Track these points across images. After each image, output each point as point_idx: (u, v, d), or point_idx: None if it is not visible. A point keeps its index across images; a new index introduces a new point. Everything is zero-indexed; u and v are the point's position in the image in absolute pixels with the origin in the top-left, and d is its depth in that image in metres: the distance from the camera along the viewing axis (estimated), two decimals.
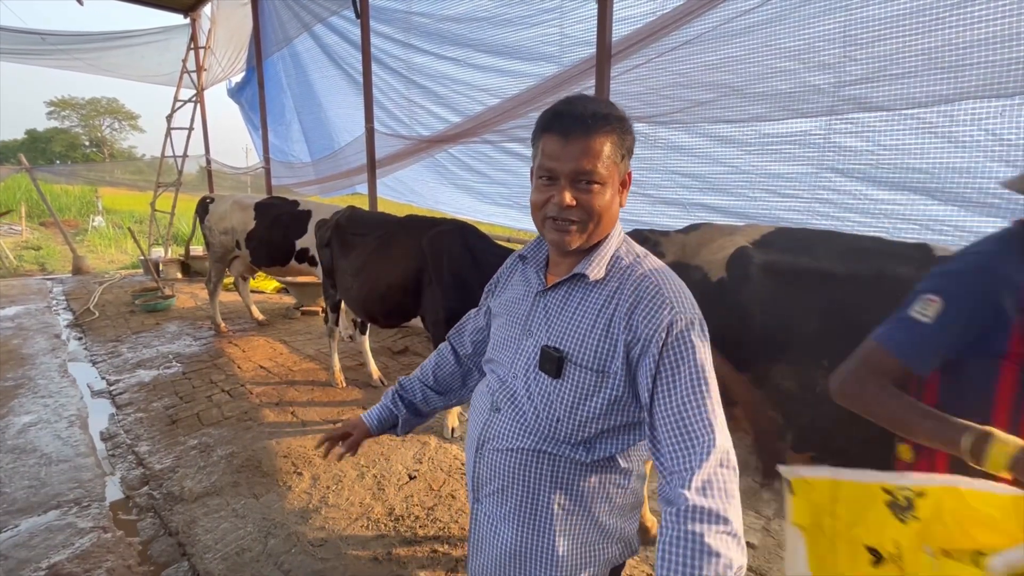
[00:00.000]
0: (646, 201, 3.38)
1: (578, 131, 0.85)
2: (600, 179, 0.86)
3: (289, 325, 5.22)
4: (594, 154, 0.85)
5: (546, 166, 0.88)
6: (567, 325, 0.92)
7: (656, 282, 0.88)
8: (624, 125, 0.89)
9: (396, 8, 4.82)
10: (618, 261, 0.93)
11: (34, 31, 7.03)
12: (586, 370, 0.89)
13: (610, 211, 0.90)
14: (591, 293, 0.92)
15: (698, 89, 2.92)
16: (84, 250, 9.76)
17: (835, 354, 1.31)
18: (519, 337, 0.99)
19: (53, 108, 39.80)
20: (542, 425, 0.93)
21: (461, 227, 2.69)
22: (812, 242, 1.52)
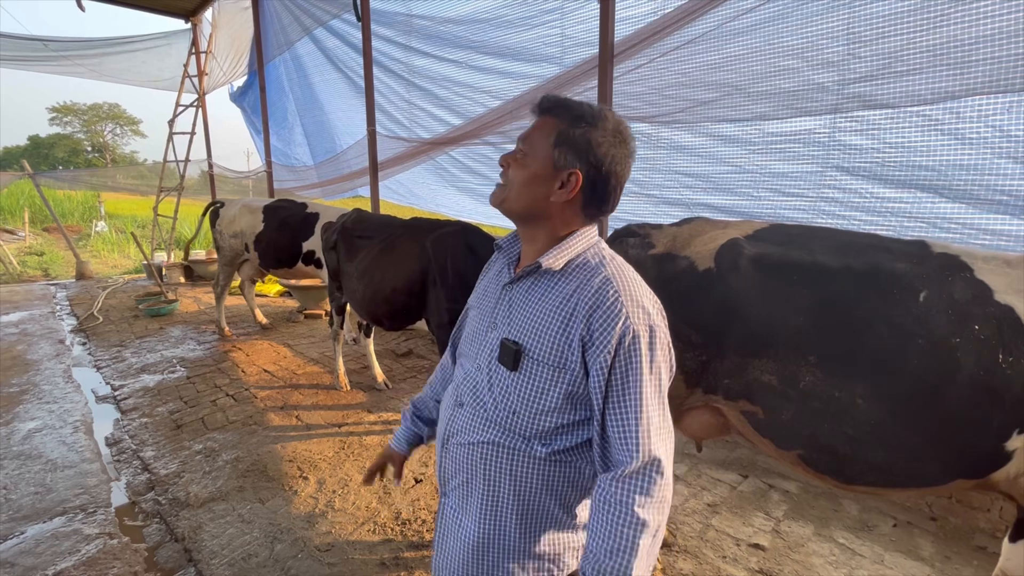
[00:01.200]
0: (649, 201, 3.38)
1: (537, 112, 0.95)
2: (523, 150, 0.93)
3: (292, 328, 5.22)
4: (534, 129, 0.94)
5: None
6: (526, 319, 0.94)
7: (616, 289, 0.89)
8: (575, 120, 0.91)
9: (397, 11, 4.82)
10: (584, 261, 0.94)
11: (36, 37, 7.06)
12: (542, 364, 0.91)
13: (528, 189, 0.93)
14: (552, 289, 0.94)
15: (701, 88, 2.91)
16: (87, 255, 9.79)
17: (824, 349, 1.31)
18: (486, 330, 1.01)
19: (55, 114, 39.91)
20: (501, 418, 0.95)
21: (464, 228, 2.68)
22: (806, 237, 1.50)
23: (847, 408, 1.28)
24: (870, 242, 1.43)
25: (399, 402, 3.49)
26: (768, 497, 2.45)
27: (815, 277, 1.35)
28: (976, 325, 1.19)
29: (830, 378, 1.29)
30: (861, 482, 1.35)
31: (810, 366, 1.30)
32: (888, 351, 1.24)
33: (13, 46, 6.88)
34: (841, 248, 1.41)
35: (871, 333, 1.26)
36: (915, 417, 1.23)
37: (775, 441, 1.43)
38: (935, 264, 1.29)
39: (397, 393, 3.63)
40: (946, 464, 1.26)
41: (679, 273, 1.52)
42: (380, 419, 3.26)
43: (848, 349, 1.28)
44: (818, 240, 1.46)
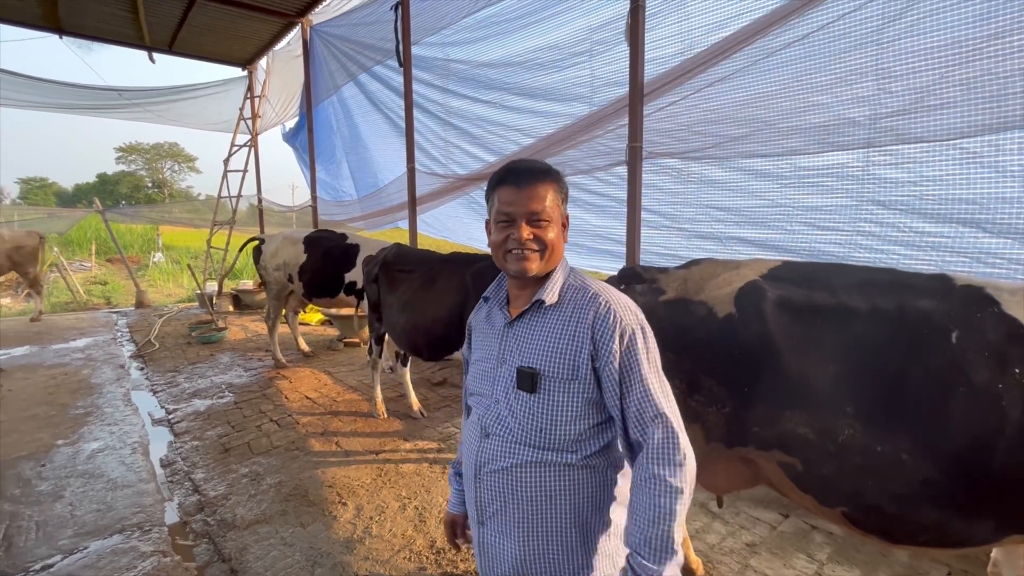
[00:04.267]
0: (681, 235, 3.41)
1: (527, 181, 1.08)
2: (548, 217, 1.08)
3: (333, 356, 5.41)
4: (541, 198, 1.07)
5: (504, 211, 1.09)
6: (536, 346, 1.08)
7: (605, 300, 1.06)
8: (560, 178, 1.12)
9: (435, 56, 5.11)
10: (569, 287, 1.12)
11: (112, 88, 7.79)
12: (558, 381, 1.05)
13: (558, 244, 1.11)
14: (551, 317, 1.10)
15: (730, 124, 2.96)
16: (145, 284, 10.44)
17: (860, 400, 1.28)
18: (495, 367, 1.14)
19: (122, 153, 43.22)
20: (529, 437, 1.06)
21: None
22: (823, 275, 1.47)
23: (892, 463, 1.23)
24: (890, 278, 1.41)
25: (434, 431, 3.56)
26: (810, 538, 2.37)
27: (842, 320, 1.33)
28: (1017, 368, 1.17)
29: (871, 431, 1.25)
30: (911, 542, 1.29)
31: (848, 418, 1.27)
32: (927, 401, 1.21)
33: (92, 96, 7.60)
34: (863, 287, 1.39)
35: (907, 381, 1.23)
36: (964, 472, 1.18)
37: (817, 497, 1.37)
38: (960, 299, 1.27)
39: (432, 422, 3.71)
40: (999, 521, 1.20)
41: (698, 321, 1.50)
42: (415, 447, 3.33)
43: (885, 399, 1.25)
44: (837, 279, 1.44)
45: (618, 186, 3.72)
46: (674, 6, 3.16)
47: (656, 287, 1.63)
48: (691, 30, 3.13)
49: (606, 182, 3.83)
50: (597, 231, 4.01)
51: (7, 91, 6.90)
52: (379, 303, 3.30)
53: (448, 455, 3.23)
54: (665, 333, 1.55)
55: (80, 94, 7.42)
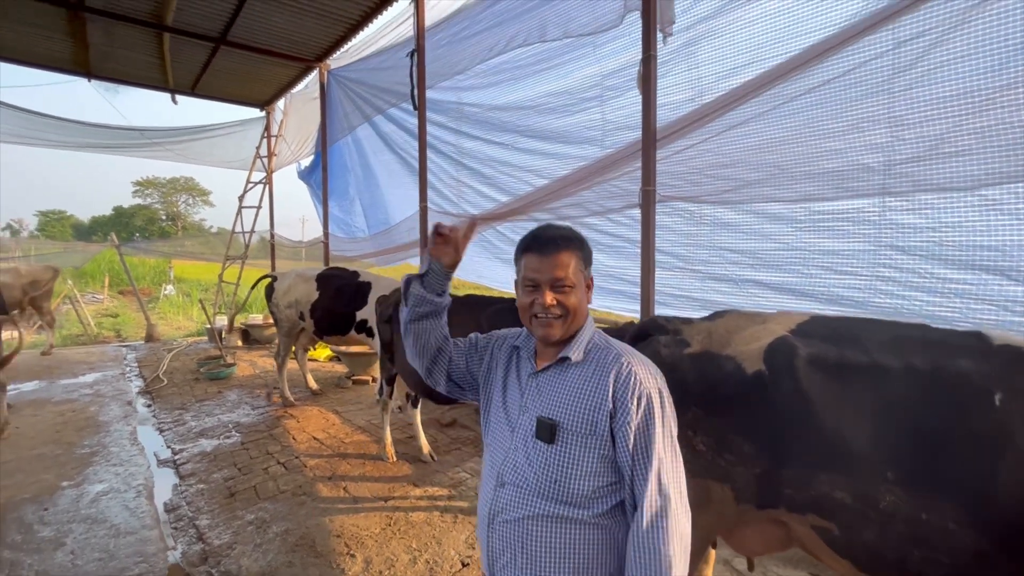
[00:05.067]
0: (695, 277, 3.39)
1: (550, 249, 1.13)
2: (570, 283, 1.13)
3: (341, 395, 5.36)
4: (564, 265, 1.12)
5: (529, 277, 1.15)
6: (558, 398, 1.12)
7: (628, 362, 1.10)
8: (583, 244, 1.19)
9: (448, 100, 5.25)
10: (594, 346, 1.16)
11: (135, 128, 8.06)
12: (576, 434, 1.07)
13: (581, 307, 1.15)
14: (574, 372, 1.14)
15: (744, 169, 2.99)
16: (155, 317, 10.50)
17: (901, 465, 1.23)
18: (516, 416, 1.17)
19: (138, 187, 44.38)
20: (545, 488, 1.08)
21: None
22: (853, 332, 1.43)
23: (939, 534, 1.17)
24: (922, 335, 1.38)
25: (444, 476, 3.47)
26: None
27: (877, 380, 1.29)
28: None
29: (914, 498, 1.19)
30: None
31: (888, 483, 1.21)
32: (975, 467, 1.15)
33: (116, 135, 7.86)
34: (895, 344, 1.35)
35: (951, 446, 1.18)
36: (1018, 543, 1.12)
37: (855, 563, 1.31)
38: (1001, 359, 1.23)
39: (442, 466, 3.62)
40: None
41: (725, 376, 1.47)
42: (426, 494, 3.24)
43: (929, 465, 1.19)
44: (868, 335, 1.40)
45: (630, 227, 3.73)
46: (683, 55, 3.24)
47: (680, 339, 1.60)
48: (700, 78, 3.20)
49: (618, 223, 3.85)
50: (610, 271, 4.00)
51: (37, 131, 7.15)
52: (392, 343, 3.27)
53: (459, 502, 3.13)
54: (691, 387, 1.52)
55: (105, 134, 7.67)
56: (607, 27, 3.46)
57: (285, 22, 5.85)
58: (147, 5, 5.42)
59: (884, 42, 2.43)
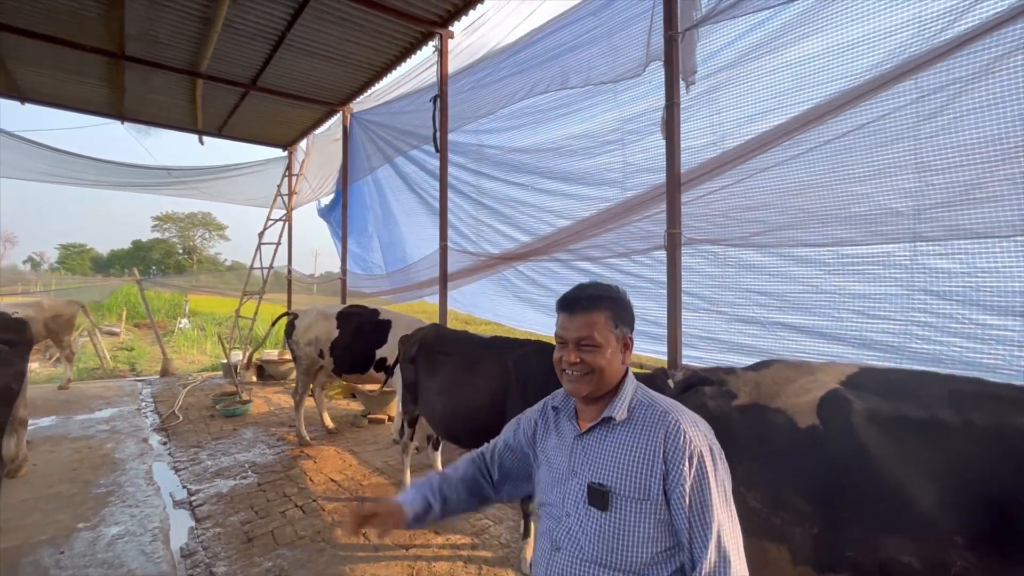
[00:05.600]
0: (721, 319, 3.36)
1: (578, 309, 1.16)
2: (595, 343, 1.13)
3: (357, 434, 5.29)
4: (590, 325, 1.13)
5: (559, 334, 1.19)
6: (607, 463, 1.10)
7: (675, 419, 1.08)
8: (616, 303, 1.18)
9: (469, 142, 5.39)
10: (638, 404, 1.15)
11: (163, 167, 8.33)
12: (630, 500, 1.05)
13: (610, 366, 1.14)
14: (621, 433, 1.12)
15: (770, 212, 3.00)
16: (169, 350, 10.56)
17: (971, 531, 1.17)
18: (565, 478, 1.16)
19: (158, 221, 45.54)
20: (600, 556, 1.06)
21: (545, 348, 2.75)
22: (907, 385, 1.40)
23: None
24: (978, 389, 1.35)
25: (466, 523, 3.37)
26: None
27: (937, 437, 1.26)
28: None
29: (988, 567, 1.14)
30: None
31: (959, 549, 1.17)
32: None
33: (145, 174, 8.12)
34: (952, 399, 1.32)
35: (1020, 509, 1.14)
36: None
37: None
38: None
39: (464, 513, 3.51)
40: None
41: (777, 430, 1.44)
42: (448, 542, 3.14)
43: (1000, 532, 1.15)
44: (922, 389, 1.37)
45: (653, 267, 3.74)
46: (705, 102, 3.32)
47: (727, 390, 1.57)
48: (722, 123, 3.26)
49: (640, 263, 3.85)
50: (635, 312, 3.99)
51: (72, 171, 7.43)
52: (416, 385, 3.25)
53: (483, 552, 3.03)
54: (741, 441, 1.48)
55: (136, 173, 7.95)
56: (629, 76, 3.56)
57: (312, 69, 6.11)
58: (184, 54, 5.70)
59: (907, 91, 2.48)
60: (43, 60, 5.89)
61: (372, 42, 5.50)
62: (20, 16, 4.95)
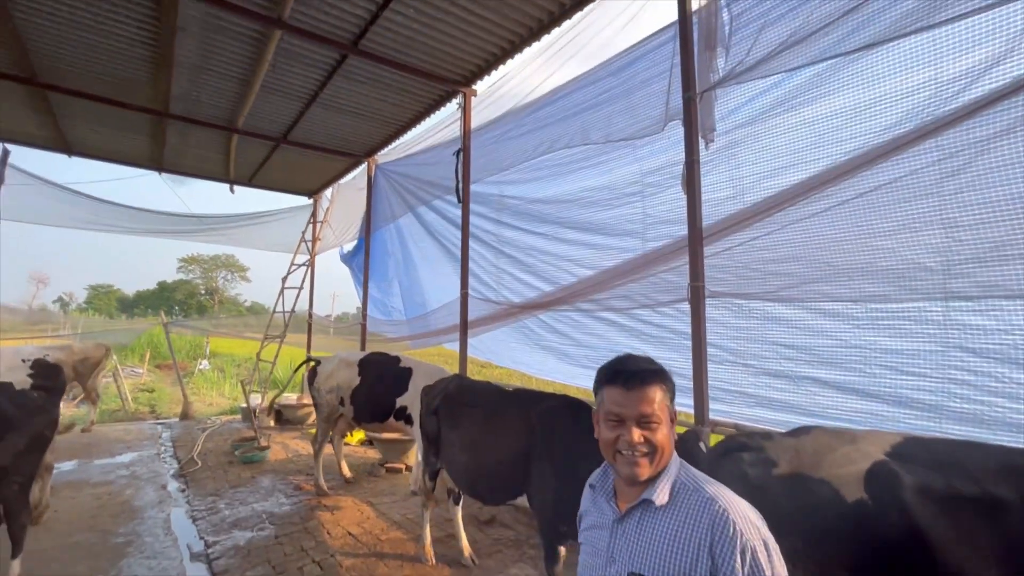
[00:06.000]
0: (748, 372, 3.31)
1: (636, 383, 1.10)
2: (657, 419, 1.09)
3: (374, 484, 5.21)
4: (650, 400, 1.09)
5: (614, 411, 1.11)
6: (647, 552, 1.04)
7: (722, 507, 1.01)
8: (668, 377, 1.15)
9: (490, 192, 5.54)
10: (681, 487, 1.09)
11: (195, 215, 8.68)
12: None
13: (668, 443, 1.10)
14: (662, 519, 1.06)
15: (796, 265, 3.00)
16: (189, 392, 10.65)
17: None
18: (604, 565, 1.11)
19: (183, 263, 46.90)
20: None
21: (571, 402, 2.73)
22: (957, 457, 1.35)
23: None
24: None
25: None
26: None
27: (995, 515, 1.21)
28: None
29: None
30: None
31: None
32: None
33: (177, 222, 8.47)
34: (1006, 473, 1.27)
35: None
36: None
37: None
38: None
39: (484, 572, 3.40)
40: None
41: (822, 503, 1.39)
42: None
43: None
44: (973, 462, 1.32)
45: (676, 318, 3.72)
46: (724, 157, 3.39)
47: (765, 457, 1.54)
48: (742, 178, 3.32)
49: (663, 313, 3.84)
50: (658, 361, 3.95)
51: (111, 219, 7.80)
52: (438, 438, 3.23)
53: None
54: (784, 514, 1.43)
55: (169, 221, 8.29)
56: (648, 133, 3.68)
57: (340, 124, 6.43)
58: (223, 112, 6.05)
59: (928, 151, 2.51)
60: (93, 117, 6.30)
61: (398, 99, 5.78)
62: (75, 78, 5.33)
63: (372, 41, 4.55)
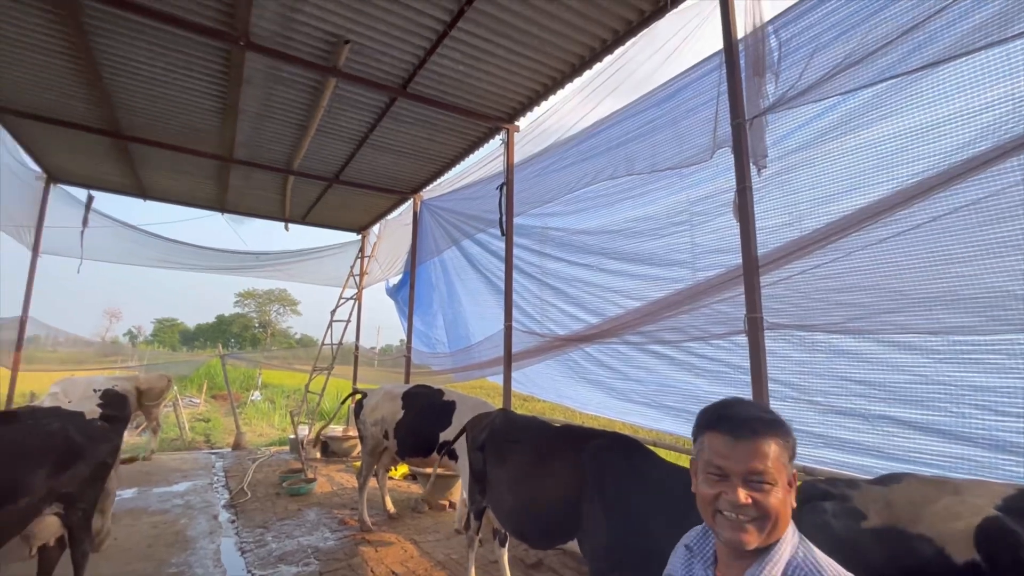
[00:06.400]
0: (814, 409, 3.07)
1: (746, 432, 0.94)
2: (772, 479, 0.92)
3: (418, 521, 5.12)
4: (763, 455, 0.92)
5: (716, 463, 0.95)
6: None
7: None
8: (787, 429, 0.98)
9: (533, 225, 5.56)
10: (795, 569, 0.90)
11: (252, 252, 9.17)
12: None
13: (784, 511, 0.92)
14: None
15: (861, 294, 2.81)
16: (241, 422, 10.98)
17: None
18: None
19: (239, 298, 49.45)
20: None
21: (623, 440, 2.60)
22: None
23: None
24: None
25: None
26: None
27: None
28: None
29: None
30: None
31: None
32: None
33: (236, 259, 8.96)
34: None
35: None
36: None
37: None
38: None
39: None
40: None
41: (925, 563, 1.21)
42: None
43: None
44: None
45: (732, 351, 3.54)
46: (777, 183, 3.27)
47: (851, 508, 1.38)
48: (797, 204, 3.18)
49: (717, 346, 3.67)
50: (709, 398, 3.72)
51: (179, 257, 8.36)
52: (484, 475, 3.14)
53: None
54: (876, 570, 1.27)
55: (230, 258, 8.80)
56: (696, 161, 3.61)
57: (388, 163, 6.69)
58: (281, 155, 6.44)
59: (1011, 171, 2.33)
60: (166, 164, 6.84)
61: (443, 138, 5.98)
62: (152, 129, 5.83)
63: (420, 84, 4.76)
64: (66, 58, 4.54)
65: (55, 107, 5.39)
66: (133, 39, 4.24)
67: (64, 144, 6.31)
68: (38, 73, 4.76)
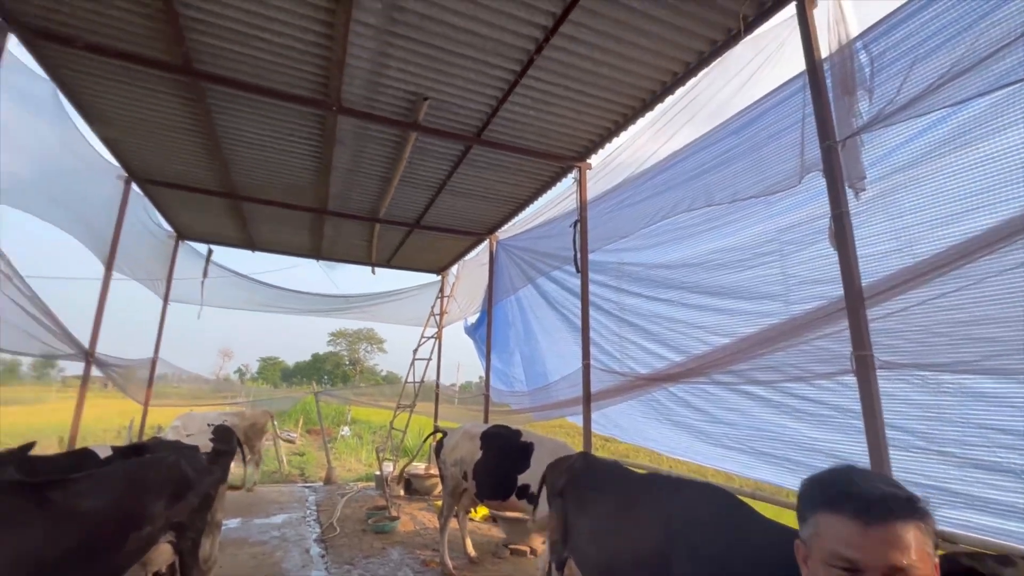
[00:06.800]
0: (947, 463, 2.65)
1: (883, 518, 0.78)
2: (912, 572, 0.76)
3: (498, 567, 5.00)
4: (905, 545, 0.77)
5: (844, 555, 0.79)
6: None
7: None
8: (925, 508, 0.82)
9: (608, 261, 5.47)
10: None
11: (343, 295, 9.85)
12: None
13: None
14: None
15: (997, 327, 2.43)
16: (332, 457, 11.54)
17: None
18: None
19: (332, 337, 53.02)
20: None
21: (714, 490, 2.39)
22: None
23: None
24: None
25: None
26: None
27: None
28: None
29: None
30: None
31: None
32: None
33: (329, 302, 9.66)
34: None
35: None
36: None
37: None
38: None
39: None
40: None
41: None
42: None
43: None
44: None
45: (837, 392, 3.19)
46: (880, 206, 2.98)
47: None
48: (906, 228, 2.87)
49: (819, 387, 3.32)
50: (814, 445, 3.37)
51: (280, 301, 9.19)
52: (565, 523, 3.02)
53: None
54: None
55: (323, 301, 9.52)
56: (782, 188, 3.40)
57: (465, 206, 6.97)
58: (368, 205, 6.95)
59: None
60: (271, 218, 7.64)
61: (516, 180, 6.15)
62: (260, 189, 6.57)
63: (493, 130, 4.96)
64: (193, 134, 5.29)
65: (184, 175, 6.26)
66: (246, 114, 4.86)
67: (191, 206, 7.28)
68: (171, 148, 5.58)
